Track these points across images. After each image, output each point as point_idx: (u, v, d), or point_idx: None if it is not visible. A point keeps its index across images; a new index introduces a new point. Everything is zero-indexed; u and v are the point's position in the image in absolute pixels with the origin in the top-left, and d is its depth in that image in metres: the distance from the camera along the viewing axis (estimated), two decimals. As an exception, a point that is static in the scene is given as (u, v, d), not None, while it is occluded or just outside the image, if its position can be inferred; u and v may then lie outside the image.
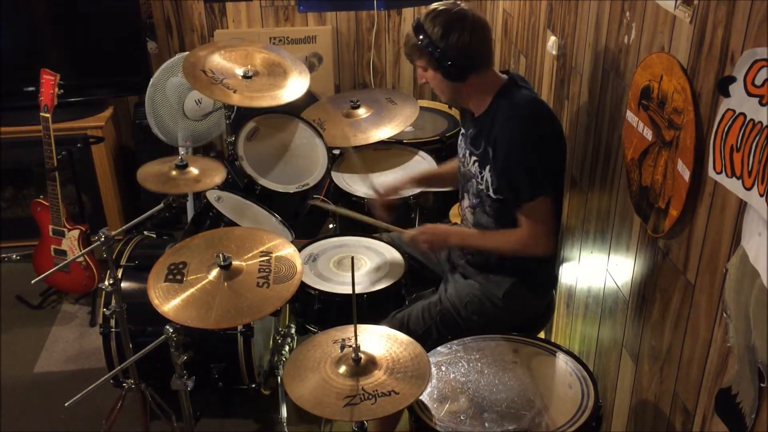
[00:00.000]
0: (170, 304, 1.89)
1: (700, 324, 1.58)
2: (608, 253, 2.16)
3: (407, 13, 3.90)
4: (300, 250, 2.35)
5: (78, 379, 2.95)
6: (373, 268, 2.42)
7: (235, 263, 1.98)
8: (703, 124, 1.53)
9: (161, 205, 2.42)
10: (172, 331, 1.99)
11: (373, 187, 2.66)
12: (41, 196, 3.26)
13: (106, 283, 2.19)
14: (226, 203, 2.59)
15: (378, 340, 1.77)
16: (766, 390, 1.31)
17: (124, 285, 2.50)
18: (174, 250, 2.08)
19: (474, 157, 2.19)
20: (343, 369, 1.67)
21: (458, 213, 2.84)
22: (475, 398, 1.86)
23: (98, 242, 2.11)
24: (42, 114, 3.02)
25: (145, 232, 3.37)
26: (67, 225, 3.22)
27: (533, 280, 2.24)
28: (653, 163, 1.76)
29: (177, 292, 1.92)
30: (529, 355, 2.02)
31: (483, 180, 2.16)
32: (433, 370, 1.93)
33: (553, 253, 2.21)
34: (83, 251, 2.89)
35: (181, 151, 3.34)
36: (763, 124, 1.27)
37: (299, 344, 1.88)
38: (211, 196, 2.58)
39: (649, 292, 1.86)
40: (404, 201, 2.77)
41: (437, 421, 1.78)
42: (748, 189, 1.32)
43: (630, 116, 1.87)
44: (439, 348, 2.04)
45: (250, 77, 2.82)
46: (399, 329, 2.16)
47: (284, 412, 2.67)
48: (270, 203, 2.69)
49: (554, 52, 2.61)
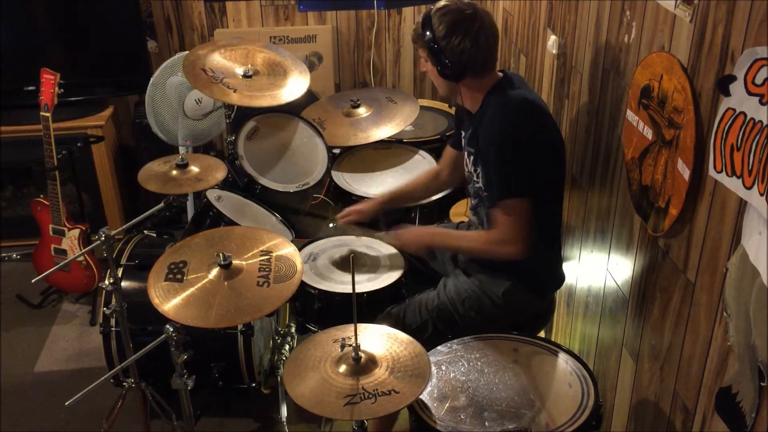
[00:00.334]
0: (170, 303, 1.90)
1: (700, 323, 1.58)
2: (608, 253, 2.16)
3: (407, 12, 3.90)
4: (300, 250, 2.35)
5: (78, 379, 2.95)
6: (374, 267, 2.42)
7: (236, 262, 1.98)
8: (704, 124, 1.53)
9: (161, 205, 2.42)
10: (172, 330, 1.99)
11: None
12: (41, 196, 3.26)
13: (107, 282, 2.19)
14: (226, 202, 2.59)
15: (378, 339, 1.77)
16: (766, 389, 1.31)
17: (124, 284, 2.51)
18: (174, 250, 2.08)
19: (471, 156, 2.19)
20: (343, 368, 1.67)
21: (458, 213, 2.85)
22: (475, 397, 1.86)
23: (98, 241, 2.11)
24: (42, 113, 3.02)
25: (146, 232, 3.37)
26: (67, 224, 3.22)
27: (535, 281, 2.23)
28: (653, 162, 1.76)
29: (177, 291, 1.92)
30: (529, 354, 2.02)
31: (479, 179, 2.16)
32: (433, 369, 1.93)
33: (524, 257, 2.07)
34: (83, 250, 2.89)
35: (182, 150, 3.34)
36: (763, 124, 1.27)
37: (299, 343, 1.88)
38: (212, 195, 2.58)
39: (650, 291, 1.86)
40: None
41: (437, 420, 1.78)
42: (749, 188, 1.32)
43: (630, 115, 1.87)
44: (439, 347, 2.04)
45: (250, 76, 2.82)
46: (394, 324, 2.17)
47: (284, 411, 2.67)
48: (270, 202, 2.69)
49: (554, 51, 2.61)
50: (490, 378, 1.93)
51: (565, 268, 2.33)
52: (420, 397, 1.77)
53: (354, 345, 1.67)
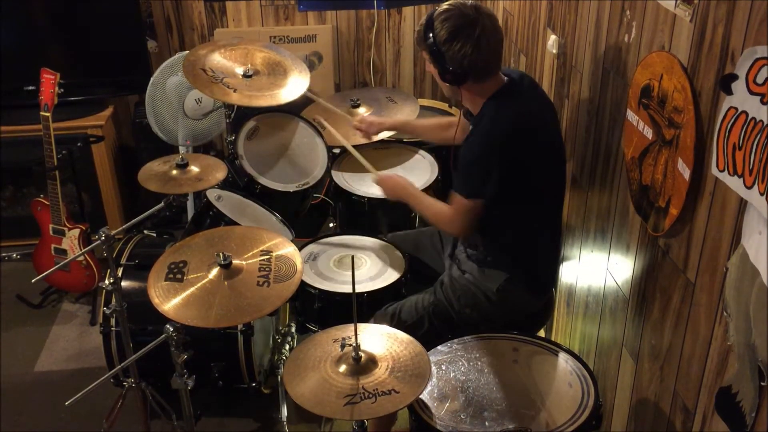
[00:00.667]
0: (170, 303, 1.89)
1: (700, 323, 1.58)
2: (608, 252, 2.16)
3: (407, 12, 3.90)
4: (300, 249, 2.35)
5: (78, 378, 2.95)
6: (374, 267, 2.43)
7: (236, 262, 1.98)
8: (704, 123, 1.53)
9: (161, 204, 2.42)
10: (172, 330, 1.99)
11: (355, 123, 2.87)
12: (41, 195, 3.26)
13: (107, 282, 2.19)
14: (226, 202, 2.59)
15: (378, 339, 1.77)
16: (766, 389, 1.31)
17: (124, 284, 2.51)
18: (174, 249, 2.08)
19: None
20: (343, 368, 1.67)
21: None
22: (475, 397, 1.86)
23: (98, 241, 2.11)
24: (42, 113, 3.02)
25: (146, 231, 3.37)
26: (67, 224, 3.22)
27: (530, 278, 2.23)
28: (653, 162, 1.76)
29: (177, 291, 1.92)
30: (529, 354, 2.02)
31: None
32: (433, 369, 1.93)
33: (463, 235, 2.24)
34: (83, 250, 2.89)
35: (182, 150, 3.34)
36: (764, 123, 1.27)
37: (299, 343, 1.88)
38: (211, 195, 2.58)
39: (650, 290, 1.86)
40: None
41: (437, 420, 1.78)
42: (749, 188, 1.32)
43: (630, 115, 1.87)
44: (439, 347, 2.04)
45: (250, 76, 2.82)
46: (390, 321, 2.17)
47: (284, 411, 2.67)
48: (270, 202, 2.69)
49: (554, 51, 2.61)
50: (490, 378, 1.93)
51: (565, 267, 2.33)
52: (420, 396, 1.77)
53: (354, 345, 1.67)
